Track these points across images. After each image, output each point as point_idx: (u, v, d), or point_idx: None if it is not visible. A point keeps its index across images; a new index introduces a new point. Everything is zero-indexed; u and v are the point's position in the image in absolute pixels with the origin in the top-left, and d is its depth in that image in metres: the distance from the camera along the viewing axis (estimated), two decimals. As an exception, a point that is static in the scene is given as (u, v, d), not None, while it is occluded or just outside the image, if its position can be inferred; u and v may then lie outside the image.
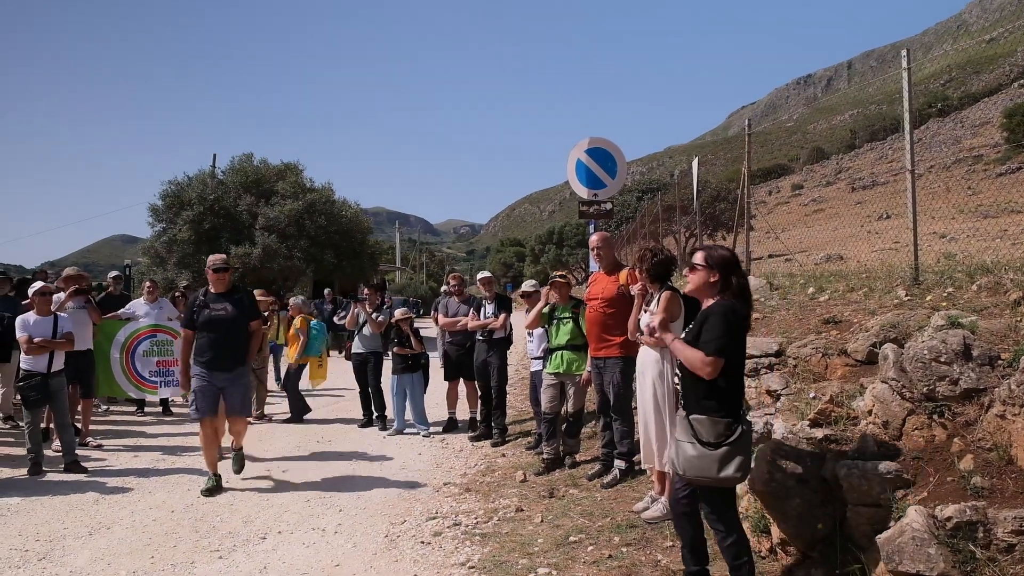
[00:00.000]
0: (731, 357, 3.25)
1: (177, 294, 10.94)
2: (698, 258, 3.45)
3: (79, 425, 7.82)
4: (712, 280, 3.37)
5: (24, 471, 6.54)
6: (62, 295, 7.82)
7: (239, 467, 6.45)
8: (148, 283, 9.93)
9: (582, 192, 8.65)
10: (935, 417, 3.36)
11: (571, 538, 4.55)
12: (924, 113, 57.69)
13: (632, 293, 5.08)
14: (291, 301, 10.02)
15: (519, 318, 8.93)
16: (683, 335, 3.46)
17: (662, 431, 4.55)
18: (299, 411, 9.52)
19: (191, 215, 21.55)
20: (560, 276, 6.69)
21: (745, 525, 3.90)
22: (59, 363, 6.86)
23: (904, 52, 6.21)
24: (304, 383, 9.93)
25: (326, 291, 18.78)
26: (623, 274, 5.73)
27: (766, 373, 5.04)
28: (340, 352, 16.76)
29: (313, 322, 10.11)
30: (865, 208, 27.42)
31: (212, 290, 6.16)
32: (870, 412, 3.59)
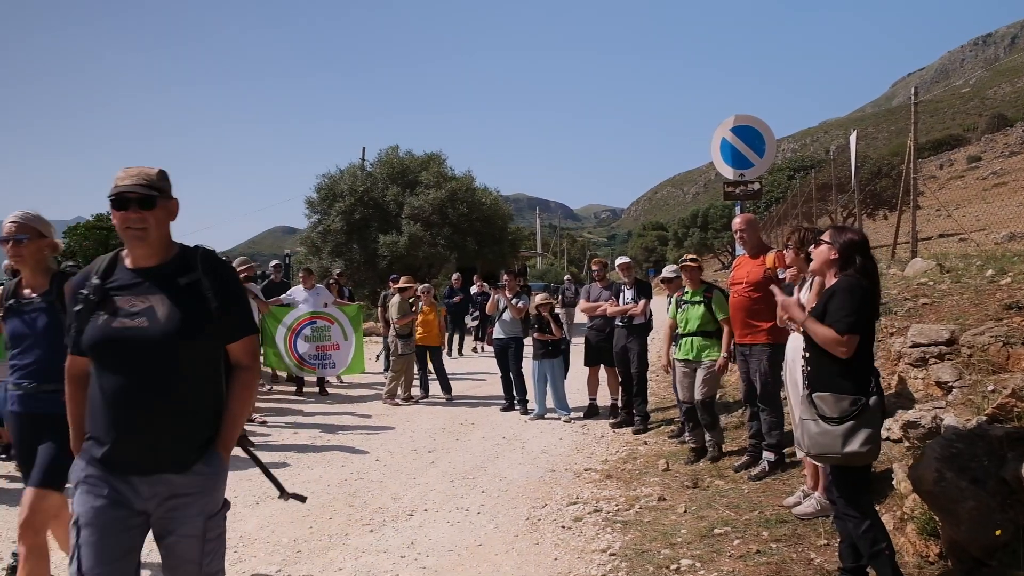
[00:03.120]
0: (860, 334, 3.20)
1: (331, 281, 11.60)
2: (826, 236, 3.48)
3: (247, 403, 8.43)
4: (832, 257, 3.38)
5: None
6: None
7: None
8: (303, 271, 10.60)
9: (727, 172, 8.31)
10: None
11: (716, 530, 4.39)
12: None
13: (780, 276, 4.83)
14: (419, 288, 10.33)
15: (660, 304, 8.75)
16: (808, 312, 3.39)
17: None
18: (447, 390, 9.96)
19: (343, 206, 22.74)
20: (691, 259, 6.51)
21: (910, 527, 3.61)
22: (228, 345, 7.42)
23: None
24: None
25: (454, 276, 16.76)
26: (769, 257, 5.45)
27: (935, 363, 4.61)
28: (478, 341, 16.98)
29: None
30: (1060, 181, 24.54)
31: (127, 262, 2.48)
32: (1062, 408, 3.19)
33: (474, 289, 16.69)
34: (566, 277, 21.17)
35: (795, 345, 4.44)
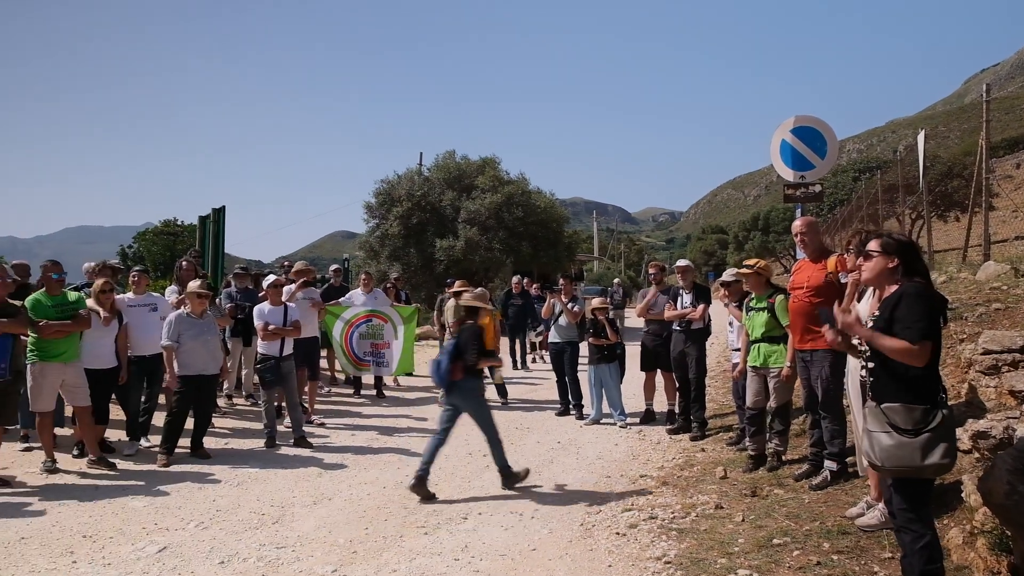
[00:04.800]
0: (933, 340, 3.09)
1: (388, 285, 11.77)
2: (874, 245, 3.34)
3: (306, 405, 8.63)
4: (891, 266, 3.26)
5: (262, 443, 7.34)
6: (292, 287, 8.69)
7: None
8: (363, 275, 10.78)
9: (787, 174, 8.14)
10: None
11: (775, 540, 4.28)
12: None
13: (842, 281, 4.70)
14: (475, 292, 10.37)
15: (719, 308, 8.60)
16: (870, 324, 3.26)
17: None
18: (503, 394, 10.02)
19: (401, 211, 23.03)
20: (748, 265, 6.36)
21: (980, 542, 3.45)
22: (289, 348, 7.62)
23: None
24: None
25: (514, 279, 14.66)
26: (831, 261, 5.32)
27: (1009, 371, 4.41)
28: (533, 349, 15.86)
29: None
30: None
31: None
32: None
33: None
34: (615, 280, 21.21)
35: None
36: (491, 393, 10.03)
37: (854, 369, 4.36)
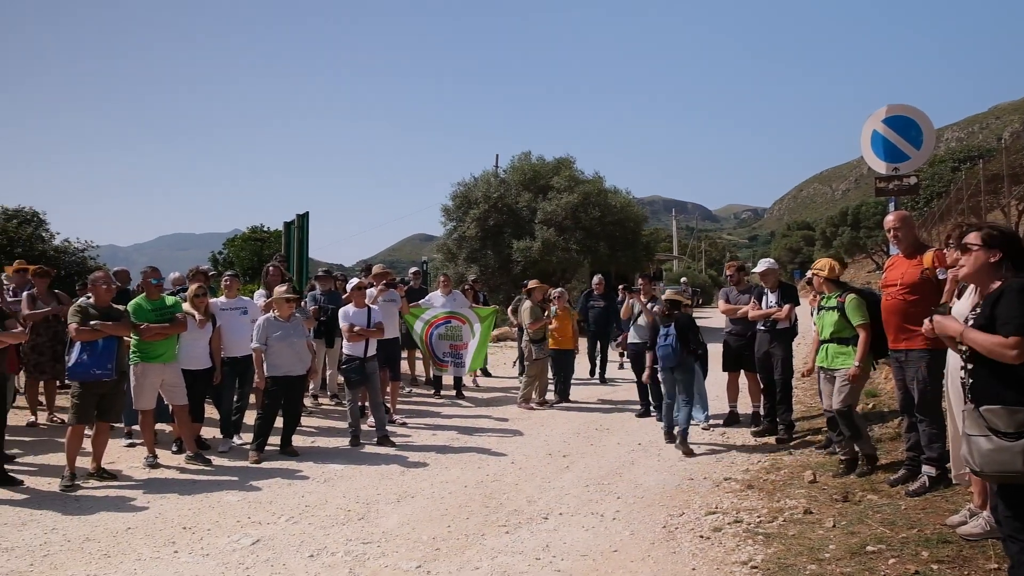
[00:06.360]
0: None
1: (467, 286, 11.89)
2: (973, 238, 3.16)
3: (388, 405, 8.81)
4: (993, 260, 3.08)
5: (346, 442, 7.54)
6: (374, 290, 8.90)
7: None
8: (442, 277, 10.93)
9: (879, 167, 7.78)
10: None
11: (868, 547, 4.11)
12: None
13: (940, 277, 4.48)
14: (551, 293, 10.38)
15: (806, 307, 8.34)
16: (970, 323, 3.09)
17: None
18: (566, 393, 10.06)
19: (477, 213, 23.20)
20: (818, 269, 6.20)
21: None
22: (372, 349, 7.80)
23: None
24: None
25: (595, 279, 12.75)
26: (927, 256, 5.07)
27: None
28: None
29: None
30: None
31: None
32: None
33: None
34: (682, 280, 21.03)
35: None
36: (572, 394, 10.03)
37: (954, 370, 4.15)
